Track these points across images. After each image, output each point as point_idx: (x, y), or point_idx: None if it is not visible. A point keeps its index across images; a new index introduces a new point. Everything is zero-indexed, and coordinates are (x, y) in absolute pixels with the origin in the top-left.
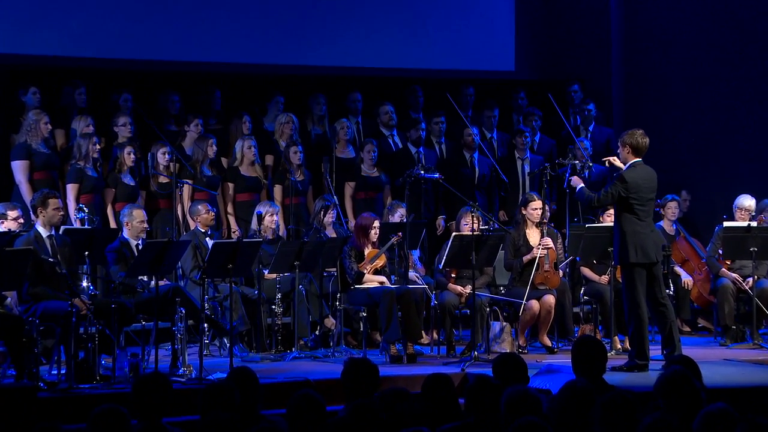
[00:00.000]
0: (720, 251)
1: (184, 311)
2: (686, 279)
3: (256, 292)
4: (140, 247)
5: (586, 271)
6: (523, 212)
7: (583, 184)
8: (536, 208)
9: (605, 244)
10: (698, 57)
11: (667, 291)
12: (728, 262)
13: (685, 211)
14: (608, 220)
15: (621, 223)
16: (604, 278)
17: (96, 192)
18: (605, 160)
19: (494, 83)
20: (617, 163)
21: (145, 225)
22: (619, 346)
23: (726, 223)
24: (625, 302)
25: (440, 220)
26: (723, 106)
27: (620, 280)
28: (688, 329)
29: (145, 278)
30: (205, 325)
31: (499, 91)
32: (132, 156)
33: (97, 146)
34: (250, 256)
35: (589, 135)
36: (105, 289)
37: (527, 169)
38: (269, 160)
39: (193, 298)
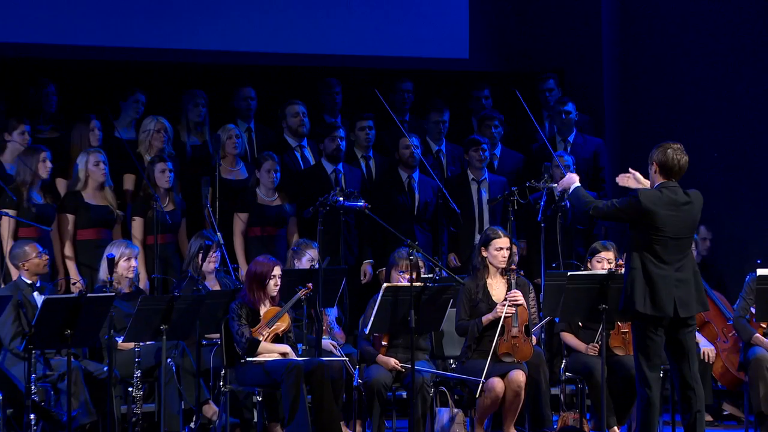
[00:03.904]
0: (752, 310)
1: (1, 396)
2: (706, 348)
3: (105, 368)
4: None
5: (569, 338)
6: (484, 254)
7: (578, 182)
8: (501, 248)
9: (594, 299)
10: (724, 41)
11: None
12: (763, 325)
13: (704, 255)
14: (598, 266)
15: (630, 261)
16: (594, 348)
17: None
18: (622, 179)
19: (442, 76)
20: (632, 181)
21: None
22: None
23: (760, 271)
24: (636, 373)
25: (366, 267)
26: (758, 110)
27: (617, 351)
28: (709, 418)
29: None
30: (33, 415)
31: (450, 87)
32: None
33: None
34: (97, 318)
35: (569, 147)
36: None
37: (485, 196)
38: (128, 182)
39: (14, 378)
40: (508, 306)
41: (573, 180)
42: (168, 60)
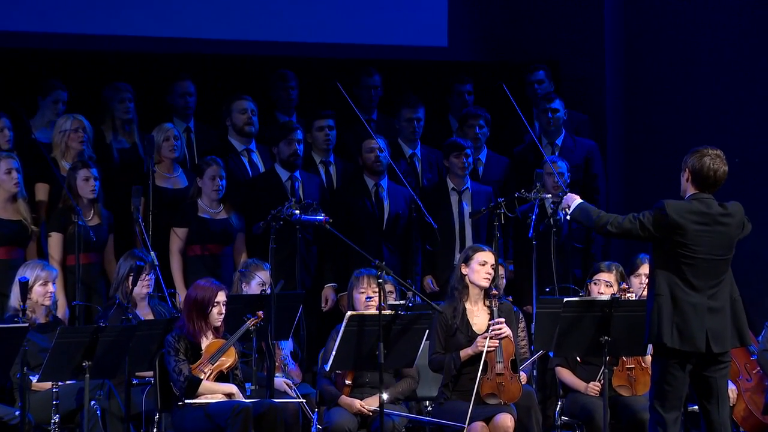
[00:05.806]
0: None
1: None
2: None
3: (17, 412)
4: None
5: (565, 375)
6: (464, 271)
7: (580, 200)
8: (485, 262)
9: (595, 329)
10: (744, 29)
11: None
12: None
13: None
14: (595, 290)
15: (655, 285)
16: (594, 386)
17: None
18: None
19: (416, 66)
20: None
21: None
22: None
23: None
24: (650, 413)
25: (328, 291)
26: None
27: (621, 391)
28: None
29: None
30: None
31: (426, 80)
32: None
33: None
34: (8, 353)
35: (556, 152)
36: None
37: (467, 208)
38: (40, 192)
39: None
40: (491, 337)
41: (572, 198)
42: (90, 48)
